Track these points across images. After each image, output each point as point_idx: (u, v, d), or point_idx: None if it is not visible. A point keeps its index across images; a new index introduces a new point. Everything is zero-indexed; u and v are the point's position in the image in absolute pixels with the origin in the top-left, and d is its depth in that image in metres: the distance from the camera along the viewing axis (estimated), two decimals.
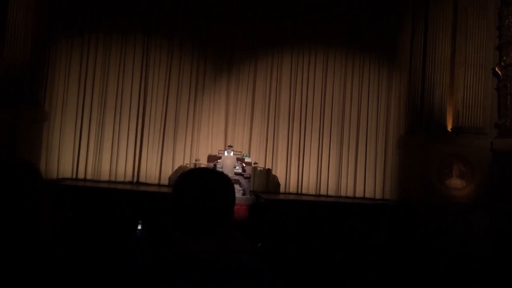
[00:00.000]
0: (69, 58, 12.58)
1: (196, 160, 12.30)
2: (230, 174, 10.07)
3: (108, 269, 2.01)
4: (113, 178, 12.48)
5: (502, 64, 10.85)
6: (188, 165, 12.65)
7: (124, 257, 2.14)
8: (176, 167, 12.80)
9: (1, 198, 1.76)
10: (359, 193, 12.95)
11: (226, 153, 11.11)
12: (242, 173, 11.03)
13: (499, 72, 10.92)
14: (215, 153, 11.96)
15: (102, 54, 12.77)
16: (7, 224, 1.70)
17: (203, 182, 1.44)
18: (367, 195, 12.90)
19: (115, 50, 12.82)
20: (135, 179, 12.65)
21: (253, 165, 11.92)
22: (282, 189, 12.91)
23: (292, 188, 12.96)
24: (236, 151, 11.60)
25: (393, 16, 12.87)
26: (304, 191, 12.90)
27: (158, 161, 12.79)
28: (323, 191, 12.94)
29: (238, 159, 11.32)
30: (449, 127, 11.16)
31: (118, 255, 2.20)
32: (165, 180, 12.68)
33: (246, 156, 11.79)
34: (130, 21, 12.82)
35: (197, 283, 1.33)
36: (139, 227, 3.61)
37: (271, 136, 13.15)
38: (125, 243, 2.37)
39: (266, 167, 13.00)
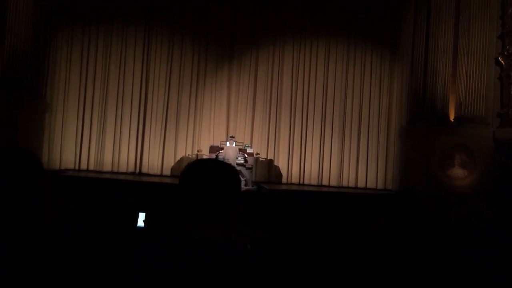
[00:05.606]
0: (70, 49, 12.55)
1: (198, 151, 12.31)
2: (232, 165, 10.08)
3: (110, 256, 2.03)
4: (115, 169, 12.53)
5: (505, 53, 10.79)
6: (190, 156, 12.67)
7: (126, 245, 2.16)
8: (178, 158, 12.83)
9: (3, 186, 1.78)
10: (361, 183, 12.95)
11: (228, 144, 11.12)
12: (244, 163, 11.04)
13: (502, 61, 10.86)
14: (217, 144, 11.96)
15: (103, 45, 12.74)
16: (10, 212, 1.72)
17: (211, 171, 1.47)
18: (369, 185, 12.90)
19: (116, 41, 12.79)
20: (137, 170, 12.69)
21: (255, 155, 11.93)
22: (284, 180, 12.91)
23: (294, 178, 12.97)
24: (238, 142, 11.60)
25: (395, 5, 12.78)
26: (306, 182, 12.91)
27: (160, 152, 12.81)
28: (325, 181, 12.94)
29: (240, 149, 11.33)
30: (451, 117, 11.13)
31: (120, 242, 2.22)
32: (167, 171, 12.72)
33: (248, 146, 11.79)
34: (131, 11, 12.78)
35: (197, 269, 1.35)
36: (143, 217, 3.63)
37: (273, 127, 13.13)
38: (127, 230, 2.39)
39: (268, 158, 13.02)
